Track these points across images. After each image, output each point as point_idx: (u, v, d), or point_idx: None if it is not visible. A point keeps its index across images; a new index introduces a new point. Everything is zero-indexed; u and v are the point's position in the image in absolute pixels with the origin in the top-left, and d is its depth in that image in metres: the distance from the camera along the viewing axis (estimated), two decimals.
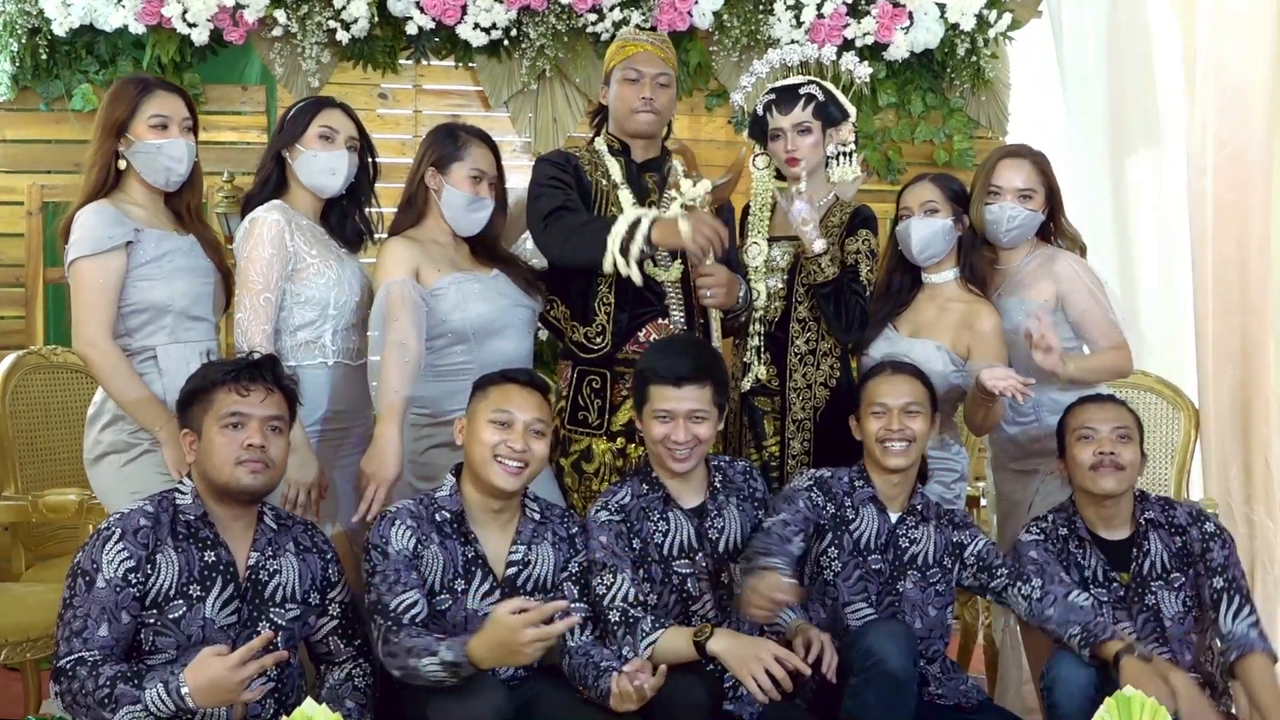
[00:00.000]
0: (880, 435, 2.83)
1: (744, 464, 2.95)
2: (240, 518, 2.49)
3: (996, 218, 3.18)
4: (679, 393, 2.70)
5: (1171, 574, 2.86)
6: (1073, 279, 3.17)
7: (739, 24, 4.53)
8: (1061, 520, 2.93)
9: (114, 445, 2.84)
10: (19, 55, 4.29)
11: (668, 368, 2.74)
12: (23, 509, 3.52)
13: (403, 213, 3.07)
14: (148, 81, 2.93)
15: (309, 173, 2.96)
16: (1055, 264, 3.19)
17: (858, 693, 2.57)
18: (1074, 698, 2.61)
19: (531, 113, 4.62)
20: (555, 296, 3.17)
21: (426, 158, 3.03)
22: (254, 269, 2.84)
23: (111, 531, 2.37)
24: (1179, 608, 2.84)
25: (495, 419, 2.59)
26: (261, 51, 4.47)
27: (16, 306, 4.41)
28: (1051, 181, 3.24)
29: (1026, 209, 3.17)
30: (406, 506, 2.60)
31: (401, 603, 2.49)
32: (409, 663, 2.40)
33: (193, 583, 2.39)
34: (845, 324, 3.13)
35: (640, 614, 2.58)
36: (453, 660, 2.36)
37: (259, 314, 2.83)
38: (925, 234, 3.17)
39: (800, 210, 3.08)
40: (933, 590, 2.85)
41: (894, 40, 4.57)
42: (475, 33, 4.43)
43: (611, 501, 2.75)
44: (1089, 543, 2.88)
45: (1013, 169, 3.20)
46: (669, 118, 3.24)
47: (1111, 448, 2.83)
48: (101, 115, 2.90)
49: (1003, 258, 3.27)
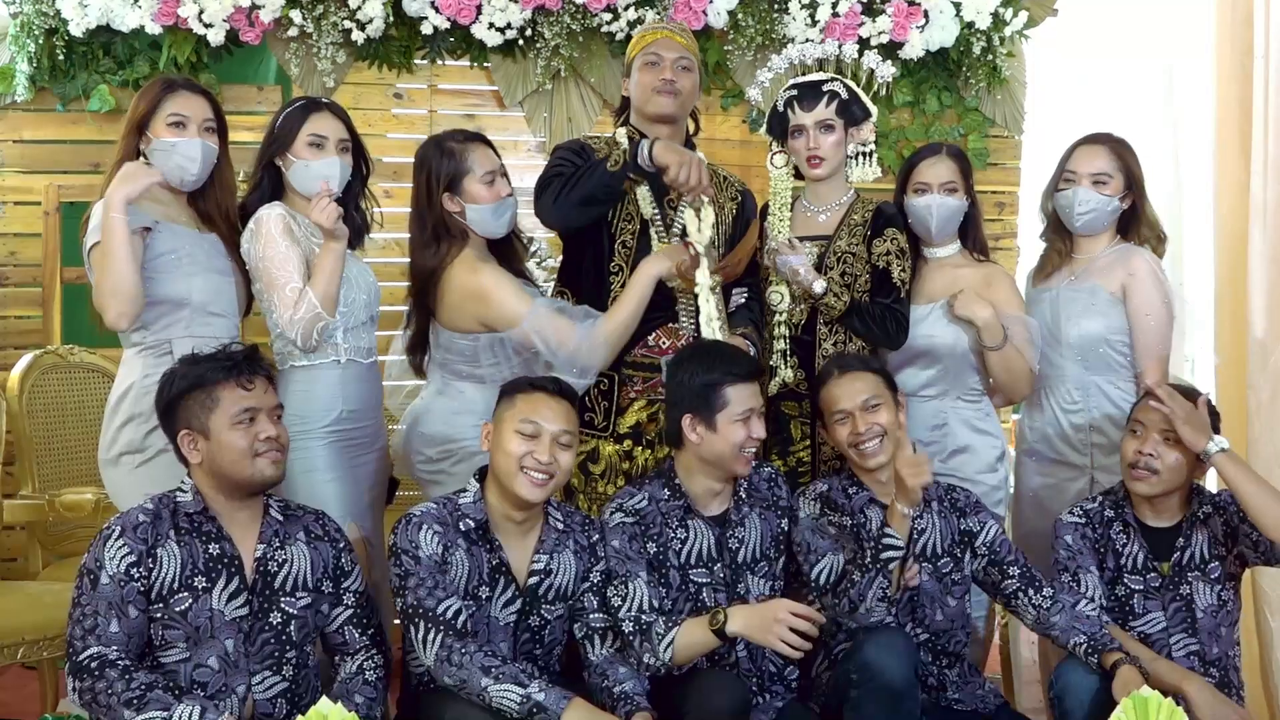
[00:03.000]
0: (851, 440, 2.81)
1: (770, 470, 2.92)
2: (246, 508, 2.49)
3: (1069, 202, 3.16)
4: (754, 388, 2.72)
5: (1210, 564, 2.85)
6: (1144, 277, 3.14)
7: (754, 23, 4.51)
8: (1110, 503, 2.92)
9: (130, 445, 2.85)
10: (36, 56, 4.30)
11: (741, 365, 2.73)
12: (39, 508, 3.55)
13: (434, 244, 2.94)
14: (174, 82, 2.96)
15: (303, 181, 2.92)
16: (1132, 257, 3.17)
17: (857, 706, 2.56)
18: (1083, 705, 2.60)
19: (546, 112, 4.62)
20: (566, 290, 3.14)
21: (434, 186, 2.93)
22: (274, 265, 2.82)
23: (112, 529, 2.39)
24: (1213, 600, 2.83)
25: (522, 429, 2.56)
26: (277, 52, 4.47)
27: (34, 306, 4.41)
28: (1133, 169, 3.19)
29: (1101, 194, 3.14)
30: (431, 511, 2.58)
31: (449, 608, 2.47)
32: (478, 680, 2.38)
33: (197, 574, 2.40)
34: (887, 336, 3.11)
35: (651, 618, 2.56)
36: (542, 704, 2.35)
37: (292, 305, 2.79)
38: (945, 214, 3.15)
39: (788, 262, 3.06)
40: (949, 580, 2.82)
41: (909, 39, 4.55)
42: (490, 32, 4.43)
43: (627, 504, 2.72)
44: (1134, 529, 2.87)
45: (1089, 154, 3.18)
46: (691, 104, 3.17)
47: (1150, 449, 2.81)
48: (129, 112, 2.94)
49: (1079, 247, 3.24)
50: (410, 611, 2.49)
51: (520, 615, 2.60)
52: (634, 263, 3.03)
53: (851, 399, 2.81)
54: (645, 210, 3.10)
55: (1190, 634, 2.81)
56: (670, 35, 3.14)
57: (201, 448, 2.45)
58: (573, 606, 2.64)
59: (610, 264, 3.07)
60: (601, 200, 2.98)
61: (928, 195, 3.14)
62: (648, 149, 2.89)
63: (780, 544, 2.83)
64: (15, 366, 3.73)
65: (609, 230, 3.08)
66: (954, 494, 2.89)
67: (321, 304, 2.78)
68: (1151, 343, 3.15)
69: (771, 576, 2.81)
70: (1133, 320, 3.15)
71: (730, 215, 3.22)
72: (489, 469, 2.63)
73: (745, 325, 3.13)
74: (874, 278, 3.15)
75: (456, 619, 2.46)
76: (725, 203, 3.21)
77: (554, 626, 2.64)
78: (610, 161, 2.93)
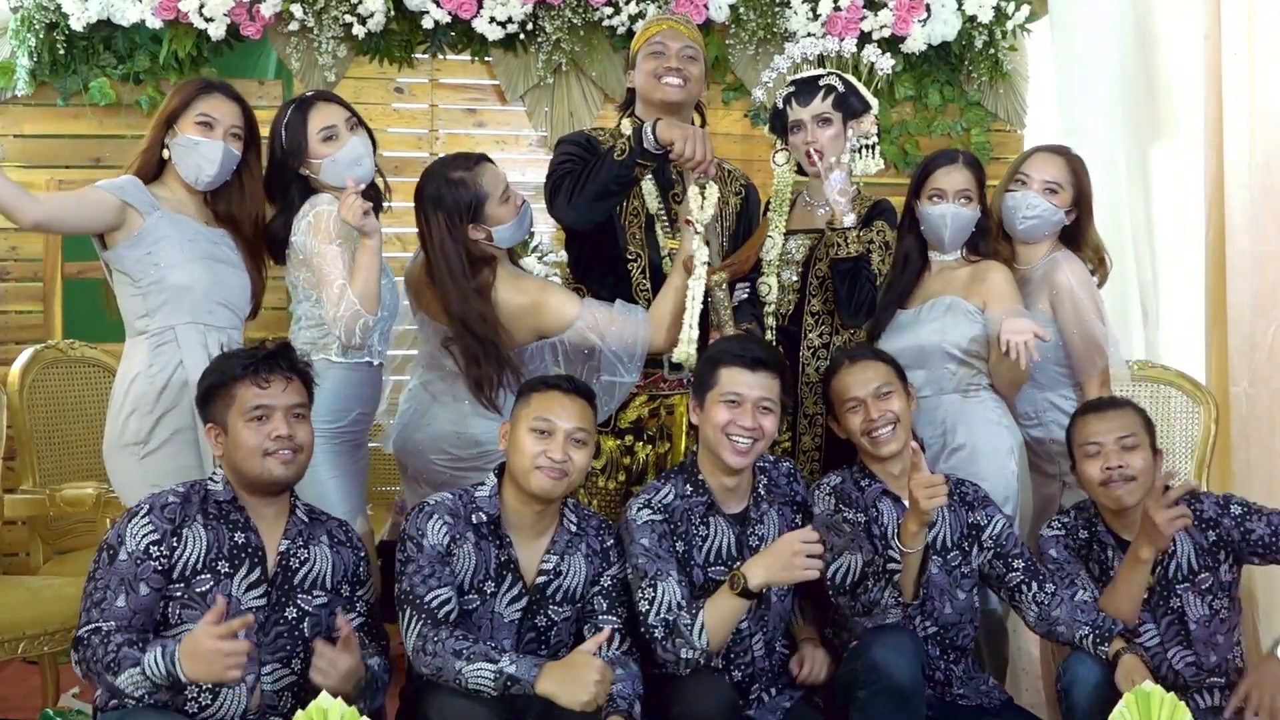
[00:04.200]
0: (864, 428, 2.80)
1: (788, 465, 2.90)
2: (272, 505, 2.51)
3: (1016, 204, 3.15)
4: (753, 377, 2.65)
5: (1199, 575, 2.80)
6: (1066, 293, 3.11)
7: (755, 17, 4.52)
8: (1083, 521, 2.89)
9: (136, 436, 2.85)
10: (36, 50, 4.30)
11: (744, 349, 2.70)
12: (40, 503, 3.54)
13: (470, 279, 2.82)
14: (211, 84, 2.98)
15: (336, 174, 2.91)
16: (1055, 273, 3.14)
17: (864, 706, 2.55)
18: (1090, 698, 2.58)
19: (548, 106, 4.62)
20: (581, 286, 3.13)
21: (456, 222, 2.82)
22: (325, 261, 2.83)
23: (141, 507, 2.42)
24: (1204, 610, 2.79)
25: (536, 427, 2.55)
26: (278, 46, 4.47)
27: (34, 301, 4.42)
28: (1084, 185, 3.19)
29: (1050, 202, 3.14)
30: (445, 502, 2.58)
31: (436, 597, 2.47)
32: (452, 664, 2.38)
33: (221, 559, 2.42)
34: (855, 305, 3.09)
35: (675, 614, 2.52)
36: (514, 675, 2.35)
37: (336, 303, 2.80)
38: (959, 224, 3.12)
39: (837, 180, 3.03)
40: (958, 573, 2.81)
41: (911, 33, 4.55)
42: (491, 26, 4.43)
43: (655, 500, 2.67)
44: (1112, 547, 2.84)
45: (1045, 161, 3.17)
46: (697, 95, 3.17)
47: (1119, 460, 2.77)
48: (162, 105, 2.97)
49: (1019, 255, 3.22)
50: (402, 598, 2.50)
51: (525, 613, 2.59)
52: (649, 253, 3.06)
53: (864, 387, 2.80)
54: (651, 204, 3.10)
55: (1186, 646, 2.78)
56: (675, 26, 3.14)
57: (222, 441, 2.48)
58: (582, 608, 2.64)
59: (626, 252, 3.08)
60: (615, 191, 2.97)
61: (943, 204, 3.11)
62: (651, 129, 2.89)
63: None
64: (16, 361, 3.73)
65: (618, 222, 3.09)
66: (963, 487, 2.87)
67: (361, 302, 2.79)
68: (1082, 357, 3.12)
69: None
70: (1063, 336, 3.13)
71: (735, 209, 3.22)
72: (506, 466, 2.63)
73: (748, 321, 3.13)
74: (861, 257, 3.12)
75: (440, 609, 2.46)
76: (730, 197, 3.21)
77: (561, 628, 2.62)
78: (616, 151, 2.93)
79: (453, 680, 2.38)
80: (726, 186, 3.20)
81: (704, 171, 2.92)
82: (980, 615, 2.91)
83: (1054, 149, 3.24)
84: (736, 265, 3.07)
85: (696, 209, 2.94)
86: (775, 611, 2.74)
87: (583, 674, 2.33)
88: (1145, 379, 3.93)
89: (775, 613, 2.74)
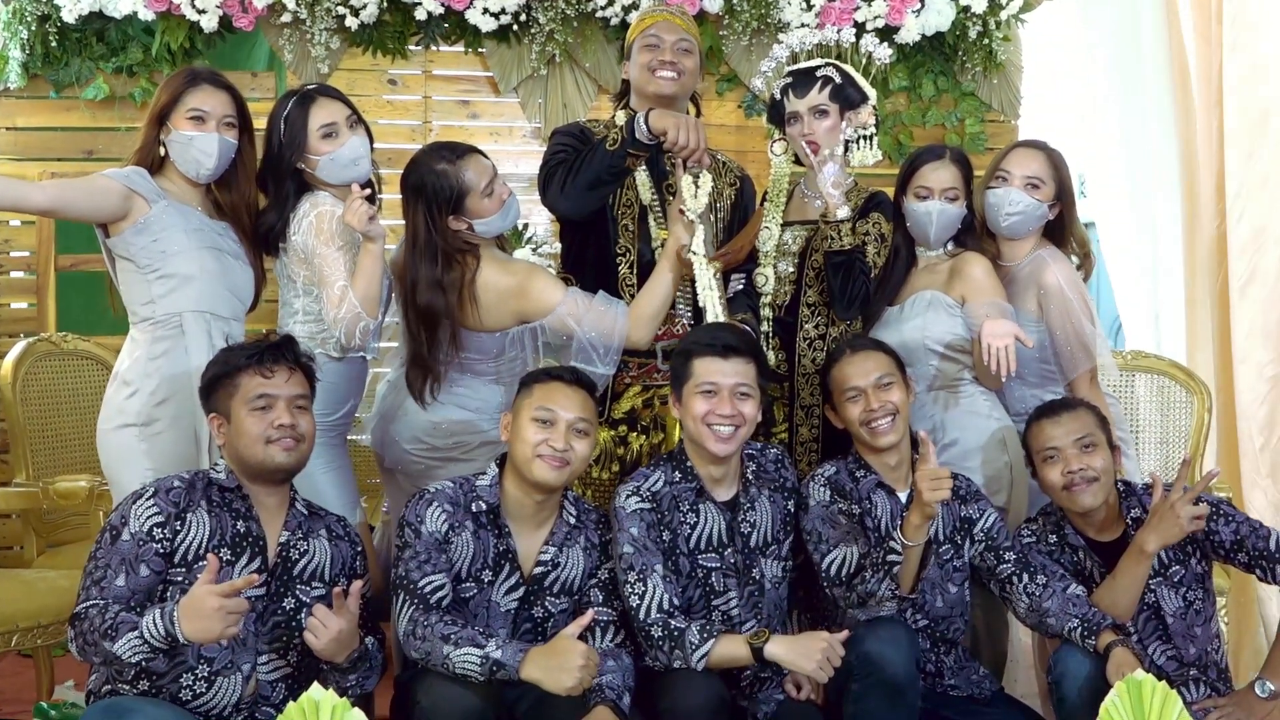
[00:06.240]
0: (863, 418, 2.79)
1: (775, 451, 2.90)
2: (274, 495, 2.53)
3: (998, 201, 3.13)
4: (725, 365, 2.66)
5: (1170, 568, 2.80)
6: (1054, 291, 3.09)
7: (749, 7, 4.50)
8: (1050, 526, 2.88)
9: (137, 417, 2.84)
10: (29, 43, 4.29)
11: (715, 338, 2.70)
12: (34, 495, 3.54)
13: (449, 269, 2.84)
14: (198, 74, 2.95)
15: (334, 173, 2.91)
16: (1043, 273, 3.12)
17: (858, 698, 2.55)
18: (1082, 691, 2.58)
19: (541, 98, 4.61)
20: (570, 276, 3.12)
21: (436, 214, 2.83)
22: (326, 262, 2.83)
23: (145, 490, 2.45)
24: (1179, 603, 2.79)
25: (538, 416, 2.57)
26: (270, 38, 4.46)
27: (28, 294, 4.41)
28: (1065, 179, 3.18)
29: (1033, 198, 3.12)
30: (445, 489, 2.59)
31: (430, 583, 2.49)
32: (440, 649, 2.40)
33: (223, 546, 2.44)
34: (848, 299, 3.06)
35: (683, 624, 2.52)
36: (500, 660, 2.36)
37: (336, 304, 2.80)
38: (945, 222, 3.12)
39: (831, 173, 3.03)
40: (950, 566, 2.82)
41: (905, 23, 4.54)
42: (484, 18, 4.42)
43: (644, 487, 2.68)
44: (1083, 548, 2.84)
45: (1026, 156, 3.16)
46: (692, 87, 3.16)
47: (1079, 463, 2.76)
48: (152, 101, 2.96)
49: (1004, 253, 3.21)
50: (397, 583, 2.52)
51: (521, 604, 2.61)
52: (638, 246, 3.06)
53: (864, 376, 2.80)
54: (644, 196, 3.10)
55: (1164, 640, 2.79)
56: (670, 18, 3.13)
57: (225, 430, 2.50)
58: (579, 601, 2.64)
59: (616, 246, 3.08)
60: (608, 181, 2.97)
61: (929, 201, 3.11)
62: (644, 119, 2.89)
63: (788, 525, 2.82)
64: (9, 354, 3.72)
65: (611, 214, 3.09)
66: (955, 481, 2.85)
67: (362, 305, 2.79)
68: (1070, 358, 3.11)
69: (781, 558, 2.79)
70: (1051, 335, 3.12)
71: (729, 201, 3.22)
72: (507, 456, 2.64)
73: (744, 311, 3.13)
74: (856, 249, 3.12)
75: (433, 595, 2.48)
76: (724, 188, 3.21)
77: (558, 620, 2.62)
78: (608, 141, 2.93)
79: (441, 665, 2.40)
80: (721, 178, 3.20)
81: (697, 160, 2.92)
82: (980, 608, 2.90)
83: (1033, 144, 3.22)
84: (730, 255, 3.07)
85: (690, 198, 2.93)
86: (770, 599, 2.74)
87: (567, 659, 2.34)
88: (1139, 368, 3.94)
89: (770, 600, 2.74)
